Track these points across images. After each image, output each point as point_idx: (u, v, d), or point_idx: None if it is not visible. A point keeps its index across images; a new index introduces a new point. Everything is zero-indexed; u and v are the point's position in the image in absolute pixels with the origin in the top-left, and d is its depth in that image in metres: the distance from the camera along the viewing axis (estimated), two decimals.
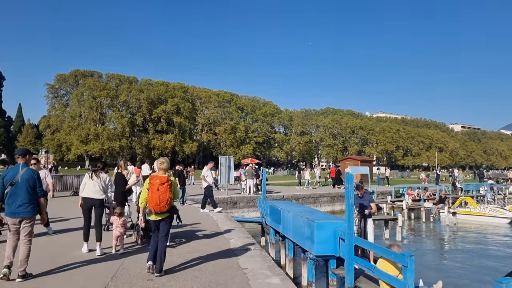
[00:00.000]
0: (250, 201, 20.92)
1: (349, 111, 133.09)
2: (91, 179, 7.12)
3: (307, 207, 11.89)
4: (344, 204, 7.70)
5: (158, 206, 5.34)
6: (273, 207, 10.32)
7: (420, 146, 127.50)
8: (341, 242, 6.36)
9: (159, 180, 5.43)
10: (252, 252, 6.76)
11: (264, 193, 14.89)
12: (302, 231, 7.36)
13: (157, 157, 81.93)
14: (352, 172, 24.46)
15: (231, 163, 21.91)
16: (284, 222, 8.91)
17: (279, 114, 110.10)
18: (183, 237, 8.24)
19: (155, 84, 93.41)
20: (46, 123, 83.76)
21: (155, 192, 5.36)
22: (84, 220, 7.04)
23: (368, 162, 36.46)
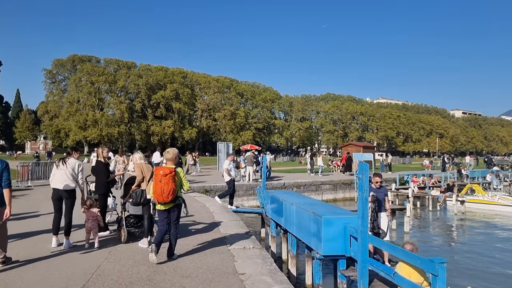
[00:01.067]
0: (250, 189, 20.17)
1: (349, 97, 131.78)
2: (57, 167, 6.53)
3: (312, 198, 10.97)
4: (357, 197, 6.88)
5: (161, 196, 5.49)
6: (274, 197, 9.50)
7: (421, 132, 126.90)
8: (353, 241, 5.57)
9: (162, 171, 5.57)
10: (251, 252, 5.96)
11: (264, 182, 14.10)
12: (307, 227, 6.55)
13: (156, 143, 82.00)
14: (356, 158, 23.94)
15: (229, 149, 21.11)
16: (286, 215, 8.12)
17: (279, 100, 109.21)
18: None
19: (154, 69, 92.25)
20: (44, 108, 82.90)
21: (157, 183, 5.53)
22: (54, 212, 6.51)
23: (370, 148, 35.62)
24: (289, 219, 7.93)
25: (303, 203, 7.51)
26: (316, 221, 6.08)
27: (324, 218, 5.81)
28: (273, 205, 9.55)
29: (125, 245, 6.44)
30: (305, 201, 8.14)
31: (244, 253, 5.83)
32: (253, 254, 5.79)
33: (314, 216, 6.18)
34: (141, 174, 6.53)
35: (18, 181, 16.04)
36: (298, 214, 7.16)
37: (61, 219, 6.42)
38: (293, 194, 10.31)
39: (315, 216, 6.12)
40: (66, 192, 6.40)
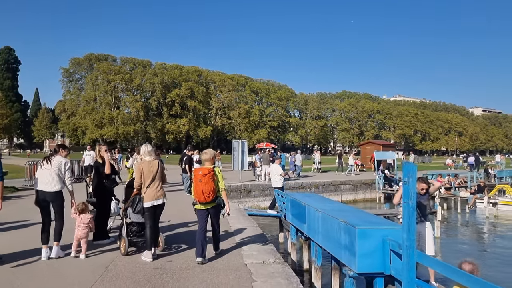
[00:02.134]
0: (266, 189, 19.30)
1: (366, 95, 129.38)
2: (41, 167, 5.81)
3: (338, 202, 9.90)
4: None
5: (202, 196, 5.56)
6: (295, 201, 8.56)
7: (439, 131, 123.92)
8: (393, 257, 4.68)
9: (202, 171, 5.66)
10: (272, 268, 5.11)
11: (283, 183, 13.27)
12: (336, 237, 5.63)
13: (171, 141, 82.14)
14: (378, 157, 22.87)
15: (244, 148, 20.13)
16: (310, 221, 7.20)
17: (294, 98, 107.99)
18: (182, 242, 6.66)
19: (169, 68, 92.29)
20: (61, 107, 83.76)
21: (198, 184, 5.59)
22: (42, 218, 5.77)
23: (390, 146, 34.41)
24: (313, 227, 7.02)
25: (330, 209, 6.59)
26: (348, 232, 5.18)
27: (358, 229, 4.90)
28: (294, 209, 8.63)
29: (125, 258, 5.65)
30: (331, 206, 7.19)
31: (264, 270, 4.97)
32: (274, 271, 4.92)
33: (345, 225, 5.28)
34: (139, 180, 5.77)
35: (26, 180, 15.53)
36: (325, 222, 6.25)
37: (50, 226, 5.73)
38: (315, 197, 9.35)
39: (347, 225, 5.22)
40: (52, 195, 5.68)
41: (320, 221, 6.53)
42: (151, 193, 5.69)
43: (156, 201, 5.72)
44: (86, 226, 5.79)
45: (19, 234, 7.24)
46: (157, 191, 5.73)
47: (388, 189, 20.57)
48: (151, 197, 5.68)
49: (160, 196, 5.77)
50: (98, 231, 6.58)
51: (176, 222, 8.64)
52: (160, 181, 5.86)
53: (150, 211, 5.71)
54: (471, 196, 18.59)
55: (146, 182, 5.72)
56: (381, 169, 20.84)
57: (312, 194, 11.41)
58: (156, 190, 5.73)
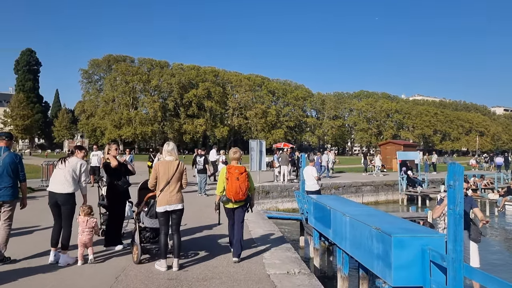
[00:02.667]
0: (284, 190, 18.87)
1: (384, 94, 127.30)
2: (56, 167, 5.63)
3: (365, 206, 9.21)
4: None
5: (238, 195, 5.57)
6: (318, 204, 7.92)
7: (460, 130, 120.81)
8: (434, 269, 4.17)
9: (238, 170, 5.67)
10: (297, 279, 4.63)
11: (303, 185, 12.74)
12: (367, 246, 5.10)
13: (188, 142, 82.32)
14: (400, 157, 22.13)
15: (262, 148, 19.68)
16: (336, 226, 6.64)
17: (311, 98, 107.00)
18: (199, 249, 6.23)
19: (186, 68, 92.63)
20: (81, 108, 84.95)
21: (234, 182, 5.55)
22: (54, 220, 5.58)
23: (412, 146, 33.38)
24: (339, 232, 6.49)
25: (358, 214, 6.06)
26: (382, 240, 4.66)
27: (394, 238, 4.37)
28: (317, 213, 8.09)
29: (137, 267, 5.23)
30: (359, 210, 6.64)
31: (288, 281, 4.51)
32: (300, 283, 4.46)
33: (379, 233, 4.76)
34: (153, 180, 5.33)
35: (42, 180, 15.39)
36: (353, 228, 5.73)
37: (60, 229, 5.47)
38: (340, 200, 8.77)
39: (381, 233, 4.70)
40: (63, 197, 5.38)
41: (347, 226, 6.02)
42: (165, 197, 5.22)
43: (170, 206, 5.20)
44: (90, 230, 5.44)
45: (29, 239, 6.93)
46: (171, 195, 5.22)
47: (412, 191, 19.84)
48: (164, 201, 5.21)
49: (175, 201, 5.23)
50: (110, 236, 6.24)
51: (192, 225, 8.23)
52: (178, 185, 5.33)
53: (164, 217, 5.25)
54: (501, 198, 17.68)
55: (161, 185, 5.25)
56: (404, 169, 20.11)
57: (336, 197, 10.79)
58: (170, 194, 5.22)
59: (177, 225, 5.35)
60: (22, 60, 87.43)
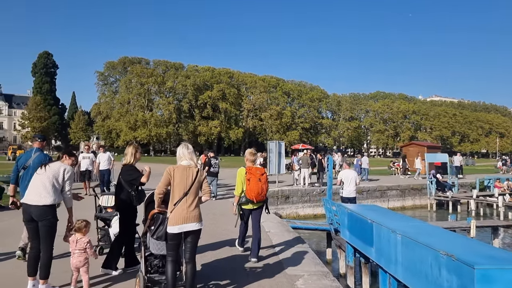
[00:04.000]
0: (305, 195, 18.07)
1: (401, 95, 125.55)
2: (37, 173, 4.59)
3: (416, 220, 7.80)
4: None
5: (260, 195, 5.61)
6: (355, 216, 7.19)
7: (479, 132, 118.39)
8: None
9: (259, 171, 5.74)
10: None
11: (330, 191, 12.05)
12: (431, 276, 4.26)
13: (203, 143, 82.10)
14: (428, 160, 21.30)
15: (281, 149, 18.60)
16: (381, 245, 5.87)
17: (326, 99, 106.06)
18: (221, 277, 5.15)
19: (201, 70, 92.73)
20: (97, 110, 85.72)
21: (257, 183, 5.57)
22: (30, 241, 4.62)
23: (435, 148, 32.31)
24: (386, 253, 5.51)
25: (412, 231, 5.13)
26: (457, 271, 3.71)
27: (479, 270, 3.50)
28: (354, 226, 7.24)
29: None
30: (411, 226, 5.65)
31: None
32: None
33: (451, 261, 3.87)
34: (163, 187, 4.20)
35: None
36: (408, 249, 4.83)
37: (38, 252, 4.47)
38: (380, 211, 7.77)
39: (455, 262, 3.78)
40: (39, 210, 4.32)
41: (399, 247, 5.15)
42: (181, 213, 4.03)
43: (186, 226, 4.03)
44: (82, 252, 4.46)
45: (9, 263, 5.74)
46: (189, 211, 4.06)
47: (441, 195, 18.99)
48: (180, 218, 4.02)
49: (193, 218, 4.08)
50: (129, 257, 5.27)
51: (208, 241, 6.97)
52: (197, 198, 4.22)
53: (175, 240, 4.10)
54: None
55: (175, 196, 4.11)
56: (432, 173, 19.27)
57: (373, 206, 9.90)
58: (188, 209, 4.07)
59: (193, 252, 4.21)
60: (39, 63, 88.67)
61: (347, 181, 10.82)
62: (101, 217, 6.17)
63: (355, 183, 10.70)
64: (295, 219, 17.20)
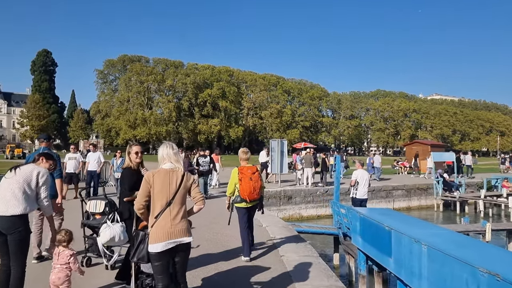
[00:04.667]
0: (308, 195, 17.59)
1: (401, 93, 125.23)
2: (5, 177, 3.97)
3: (437, 226, 7.31)
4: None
5: (252, 194, 5.63)
6: (369, 221, 6.61)
7: (480, 130, 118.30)
8: None
9: (250, 170, 5.72)
10: None
11: (338, 192, 11.55)
12: None
13: (203, 142, 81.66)
14: (435, 159, 20.87)
15: (284, 148, 17.80)
16: (401, 256, 5.29)
17: (326, 97, 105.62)
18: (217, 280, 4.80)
19: (201, 68, 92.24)
20: (96, 108, 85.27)
21: (248, 182, 5.60)
22: None
23: (439, 146, 31.85)
24: (408, 265, 5.04)
25: (440, 242, 4.58)
26: None
27: None
28: (367, 232, 6.76)
29: None
30: (436, 235, 5.11)
31: None
32: None
33: (494, 280, 3.34)
34: (143, 199, 3.48)
35: None
36: (436, 264, 4.34)
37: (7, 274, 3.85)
38: (397, 216, 7.13)
39: (500, 282, 3.29)
40: (6, 221, 3.70)
41: (424, 259, 4.61)
42: (164, 227, 3.34)
43: (172, 242, 3.34)
44: (64, 267, 3.85)
45: None
46: (174, 224, 3.36)
47: (449, 196, 18.54)
48: (164, 234, 3.33)
49: (181, 233, 3.37)
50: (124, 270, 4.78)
51: (208, 249, 6.43)
52: (183, 207, 3.49)
53: (162, 260, 3.38)
54: None
55: (157, 208, 3.41)
56: (439, 172, 18.82)
57: (387, 210, 9.15)
58: (173, 222, 3.37)
59: (183, 272, 3.55)
60: (39, 61, 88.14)
61: (362, 181, 10.30)
62: (88, 224, 5.53)
63: (368, 183, 10.27)
64: (298, 220, 16.80)
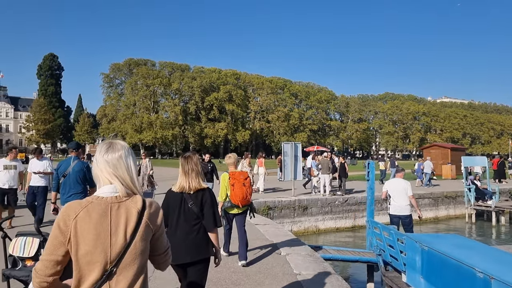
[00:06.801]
0: (326, 205, 15.70)
1: (410, 96, 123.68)
2: None
3: None
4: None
5: (245, 199, 5.67)
6: (440, 257, 5.02)
7: (490, 133, 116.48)
8: None
9: (242, 175, 5.80)
10: None
11: (372, 207, 9.83)
12: None
13: (209, 146, 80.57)
14: (466, 164, 19.37)
15: (298, 152, 15.91)
16: None
17: (334, 100, 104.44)
18: None
19: (207, 71, 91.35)
20: (102, 112, 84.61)
21: (241, 188, 5.62)
22: None
23: (460, 150, 30.25)
24: None
25: None
26: None
27: None
28: (439, 274, 5.13)
29: None
30: None
31: None
32: None
33: None
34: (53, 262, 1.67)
35: None
36: None
37: None
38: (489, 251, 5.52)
39: None
40: None
41: None
42: None
43: None
44: None
45: None
46: None
47: (482, 205, 17.04)
48: None
49: None
50: None
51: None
52: (140, 277, 1.75)
53: None
54: None
55: (85, 280, 1.67)
56: (471, 178, 17.33)
57: (465, 240, 7.14)
58: None
59: None
60: (45, 65, 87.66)
61: (394, 193, 8.55)
62: (13, 276, 3.66)
63: (409, 196, 8.35)
64: (315, 233, 15.35)
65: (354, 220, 16.39)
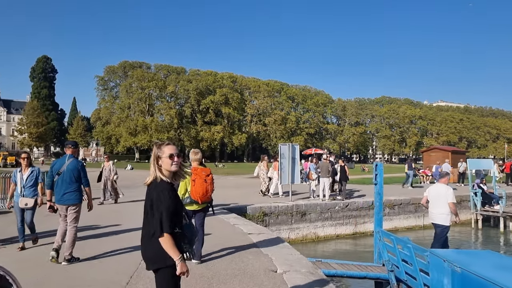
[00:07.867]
0: (325, 211, 14.73)
1: (406, 100, 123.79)
2: None
3: None
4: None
5: (205, 196, 5.65)
6: (478, 282, 4.16)
7: (487, 137, 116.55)
8: None
9: (204, 171, 5.74)
10: None
11: (381, 214, 8.96)
12: None
13: (206, 149, 79.61)
14: (472, 167, 18.66)
15: (296, 154, 15.05)
16: None
17: (331, 104, 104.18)
18: None
19: (203, 74, 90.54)
20: (96, 115, 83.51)
21: (202, 184, 5.60)
22: None
23: (461, 153, 29.57)
24: None
25: None
26: None
27: None
28: None
29: None
30: None
31: None
32: None
33: None
34: None
35: None
36: None
37: None
38: None
39: None
40: None
41: None
42: None
43: None
44: None
45: None
46: None
47: (489, 210, 16.27)
48: None
49: None
50: None
51: None
52: None
53: None
54: None
55: None
56: (477, 182, 16.56)
57: (503, 258, 6.47)
58: None
59: None
60: (38, 67, 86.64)
61: (430, 199, 7.78)
62: None
63: (449, 204, 7.42)
64: (314, 241, 14.43)
65: (355, 227, 15.53)
